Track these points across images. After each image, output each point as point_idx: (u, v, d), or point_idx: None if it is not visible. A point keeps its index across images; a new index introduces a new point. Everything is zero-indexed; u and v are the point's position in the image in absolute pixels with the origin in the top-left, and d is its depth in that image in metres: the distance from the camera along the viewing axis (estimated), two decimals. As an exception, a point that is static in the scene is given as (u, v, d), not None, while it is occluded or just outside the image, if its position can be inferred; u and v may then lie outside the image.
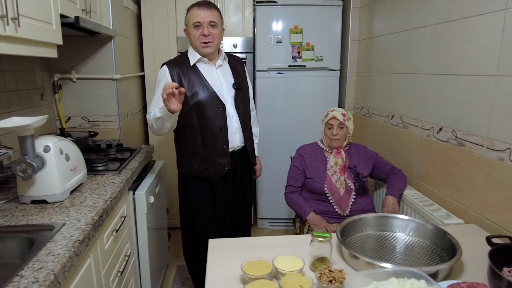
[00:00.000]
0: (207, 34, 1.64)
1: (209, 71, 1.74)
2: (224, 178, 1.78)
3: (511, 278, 1.02)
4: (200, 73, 1.71)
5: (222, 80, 1.76)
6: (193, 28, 1.66)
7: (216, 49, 1.73)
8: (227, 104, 1.73)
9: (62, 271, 0.87)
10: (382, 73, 2.31)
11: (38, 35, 1.27)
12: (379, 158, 1.94)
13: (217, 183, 1.77)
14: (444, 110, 1.67)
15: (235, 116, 1.77)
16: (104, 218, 1.23)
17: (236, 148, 1.80)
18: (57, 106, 2.07)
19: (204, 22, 1.64)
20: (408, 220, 1.28)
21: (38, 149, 1.25)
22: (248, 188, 1.97)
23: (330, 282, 0.97)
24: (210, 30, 1.65)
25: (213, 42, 1.67)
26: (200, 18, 1.64)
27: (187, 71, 1.69)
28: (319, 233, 1.09)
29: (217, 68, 1.76)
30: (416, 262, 1.15)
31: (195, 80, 1.69)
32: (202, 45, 1.67)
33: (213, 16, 1.66)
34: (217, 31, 1.69)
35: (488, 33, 1.39)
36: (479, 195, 1.46)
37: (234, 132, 1.76)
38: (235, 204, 1.89)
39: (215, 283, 1.05)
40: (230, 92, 1.77)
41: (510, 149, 1.29)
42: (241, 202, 1.93)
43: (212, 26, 1.66)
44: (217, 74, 1.75)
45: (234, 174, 1.83)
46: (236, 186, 1.87)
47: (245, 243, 1.31)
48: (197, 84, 1.68)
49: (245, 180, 1.92)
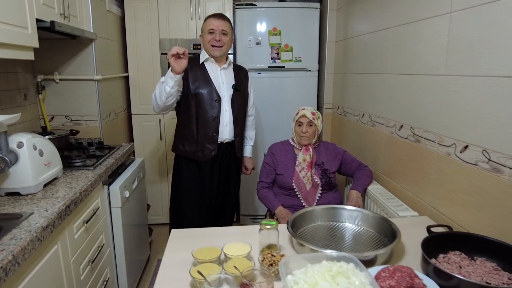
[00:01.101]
0: (218, 40, 1.94)
1: (214, 70, 2.02)
2: (212, 164, 2.02)
3: (440, 263, 1.10)
4: (206, 70, 1.99)
5: (224, 80, 2.02)
6: (208, 34, 1.96)
7: (224, 53, 2.01)
8: (223, 100, 1.99)
9: (21, 253, 0.96)
10: (355, 73, 2.39)
11: (13, 39, 1.36)
12: (346, 155, 2.02)
13: (205, 168, 2.02)
14: (404, 108, 1.75)
15: (228, 111, 2.01)
16: (72, 208, 1.31)
17: (225, 140, 2.03)
18: (41, 106, 2.17)
19: (217, 30, 1.94)
20: (355, 210, 1.36)
21: (11, 145, 1.35)
22: (234, 180, 2.19)
23: (271, 265, 1.05)
24: (221, 37, 1.95)
25: (222, 46, 1.97)
26: (214, 26, 1.94)
27: (196, 67, 1.98)
28: (266, 221, 1.17)
29: (221, 69, 2.04)
30: (362, 249, 1.23)
31: (200, 74, 1.97)
32: (213, 48, 1.96)
33: (225, 25, 1.97)
34: (227, 38, 1.98)
35: (436, 35, 1.47)
36: (432, 189, 1.54)
37: (225, 124, 2.00)
38: (220, 191, 2.12)
39: (168, 268, 1.13)
40: (229, 91, 2.02)
41: (456, 145, 1.38)
42: (227, 190, 2.14)
43: (223, 34, 1.96)
44: (220, 74, 2.02)
45: (221, 163, 2.06)
46: (222, 175, 2.10)
47: (207, 232, 1.40)
48: (200, 78, 1.96)
49: (231, 171, 2.14)
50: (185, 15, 2.70)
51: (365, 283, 0.90)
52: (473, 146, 1.27)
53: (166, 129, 2.87)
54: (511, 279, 1.03)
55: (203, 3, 2.69)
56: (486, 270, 1.07)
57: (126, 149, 2.15)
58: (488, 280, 1.02)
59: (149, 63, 2.75)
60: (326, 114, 2.91)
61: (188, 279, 1.05)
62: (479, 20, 1.23)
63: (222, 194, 2.14)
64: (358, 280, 0.90)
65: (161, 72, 2.76)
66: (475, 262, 1.11)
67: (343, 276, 0.91)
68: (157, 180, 2.94)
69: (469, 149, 1.30)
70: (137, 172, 2.13)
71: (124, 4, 2.65)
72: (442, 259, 1.14)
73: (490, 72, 1.19)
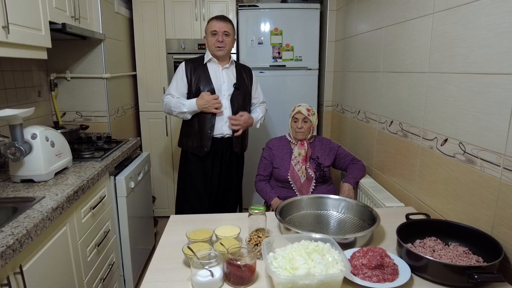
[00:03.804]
0: (221, 41, 2.06)
1: (216, 70, 2.14)
2: (213, 159, 2.16)
3: (416, 248, 1.19)
4: (207, 71, 2.13)
5: (225, 79, 2.14)
6: (211, 35, 2.08)
7: (227, 53, 2.13)
8: (223, 98, 2.11)
9: (34, 229, 1.09)
10: (352, 72, 2.47)
11: (27, 40, 1.50)
12: (340, 150, 2.11)
13: (207, 161, 2.16)
14: (394, 104, 1.83)
15: (228, 108, 2.13)
16: (80, 194, 1.44)
17: (226, 135, 2.14)
18: (53, 102, 2.32)
19: (219, 31, 2.06)
20: (339, 199, 1.45)
21: (26, 136, 1.48)
22: (235, 174, 2.30)
23: (256, 245, 1.16)
24: (224, 38, 2.07)
25: (225, 47, 2.09)
26: (217, 27, 2.06)
27: (199, 67, 2.13)
28: (254, 206, 1.27)
29: (223, 69, 2.15)
30: (345, 233, 1.32)
31: (202, 75, 2.11)
32: (216, 48, 2.08)
33: (227, 27, 2.09)
34: (229, 39, 2.11)
35: (421, 34, 1.55)
36: (416, 181, 1.62)
37: (225, 121, 2.12)
38: (222, 183, 2.24)
39: (165, 247, 1.25)
40: (229, 90, 2.13)
41: (437, 138, 1.45)
42: (229, 183, 2.27)
43: (225, 35, 2.07)
44: (221, 73, 2.14)
45: (221, 158, 2.18)
46: (223, 169, 2.22)
47: (203, 218, 1.51)
48: (202, 78, 2.10)
49: (232, 165, 2.25)
50: (190, 16, 2.82)
51: (338, 260, 1.00)
52: (452, 139, 1.35)
53: (172, 125, 2.99)
54: (478, 262, 1.11)
55: (207, 4, 2.81)
56: (457, 253, 1.15)
57: (133, 143, 2.28)
58: (457, 262, 1.10)
59: (156, 62, 2.88)
60: (326, 112, 2.99)
61: (182, 257, 1.16)
62: (456, 20, 1.31)
63: (223, 188, 2.25)
64: (331, 257, 1.00)
65: (167, 70, 2.88)
66: (448, 247, 1.19)
67: (318, 254, 1.01)
68: (163, 174, 3.07)
69: (448, 142, 1.37)
70: (143, 165, 2.25)
71: (132, 6, 2.78)
72: (418, 244, 1.23)
73: (466, 69, 1.26)
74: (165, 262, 1.16)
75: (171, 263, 1.15)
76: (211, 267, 1.01)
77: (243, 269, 1.00)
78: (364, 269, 1.03)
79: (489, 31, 1.15)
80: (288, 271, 0.95)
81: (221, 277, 1.02)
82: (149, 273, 1.10)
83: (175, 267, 1.13)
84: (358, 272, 1.04)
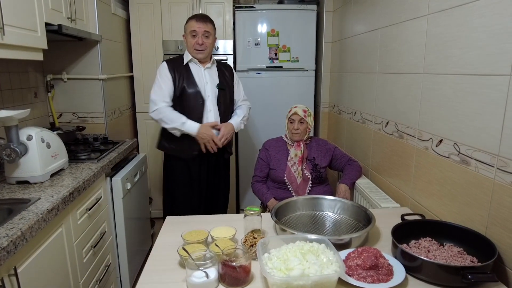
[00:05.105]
0: (200, 43, 2.00)
1: (198, 70, 2.07)
2: (200, 162, 2.10)
3: (411, 248, 1.19)
4: (190, 71, 2.05)
5: (208, 80, 2.07)
6: (190, 36, 2.01)
7: (207, 55, 2.06)
8: (207, 100, 2.05)
9: (29, 231, 1.08)
10: (348, 73, 2.48)
11: (23, 41, 1.50)
12: (337, 151, 2.11)
13: (193, 164, 2.10)
14: (390, 105, 1.84)
15: (213, 110, 2.07)
16: (76, 195, 1.44)
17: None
18: (50, 104, 2.31)
19: (199, 32, 1.99)
20: (335, 200, 1.46)
21: (22, 137, 1.48)
22: (224, 177, 2.27)
23: (252, 246, 1.16)
24: (204, 40, 2.00)
25: (205, 50, 2.02)
26: (196, 28, 1.99)
27: (181, 68, 2.05)
28: (250, 207, 1.28)
29: (205, 69, 2.09)
30: (340, 234, 1.33)
31: (185, 76, 2.03)
32: (196, 51, 2.02)
33: (207, 27, 2.01)
34: (210, 41, 2.04)
35: (416, 36, 1.56)
36: (412, 181, 1.62)
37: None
38: (210, 187, 2.19)
39: (160, 249, 1.25)
40: (213, 90, 2.06)
41: (432, 139, 1.46)
42: (217, 186, 2.22)
43: (205, 37, 2.01)
44: (203, 74, 2.07)
45: (208, 160, 2.13)
46: (210, 172, 2.16)
47: (199, 219, 1.51)
48: (185, 79, 2.02)
49: (220, 168, 2.21)
50: (186, 17, 2.80)
51: (332, 260, 1.00)
52: (447, 140, 1.36)
53: (169, 126, 2.99)
54: (473, 262, 1.11)
55: (204, 5, 2.81)
56: (452, 254, 1.15)
57: (129, 144, 2.28)
58: (452, 262, 1.11)
59: (153, 63, 2.88)
60: (323, 113, 3.00)
61: (177, 259, 1.16)
62: (450, 22, 1.32)
63: (211, 192, 2.21)
64: (326, 258, 1.00)
65: (164, 72, 2.88)
66: (443, 247, 1.20)
67: (313, 254, 1.02)
68: (159, 175, 3.06)
69: (443, 143, 1.38)
70: (139, 166, 2.25)
71: (129, 7, 2.78)
72: (413, 244, 1.23)
73: (460, 70, 1.27)
74: (160, 263, 1.16)
75: (166, 264, 1.15)
76: (206, 268, 1.01)
77: (238, 270, 1.00)
78: (359, 270, 1.04)
79: (482, 33, 1.16)
80: (282, 271, 0.95)
81: (216, 278, 1.02)
82: (144, 275, 1.10)
83: (171, 268, 1.13)
84: (353, 272, 1.04)
